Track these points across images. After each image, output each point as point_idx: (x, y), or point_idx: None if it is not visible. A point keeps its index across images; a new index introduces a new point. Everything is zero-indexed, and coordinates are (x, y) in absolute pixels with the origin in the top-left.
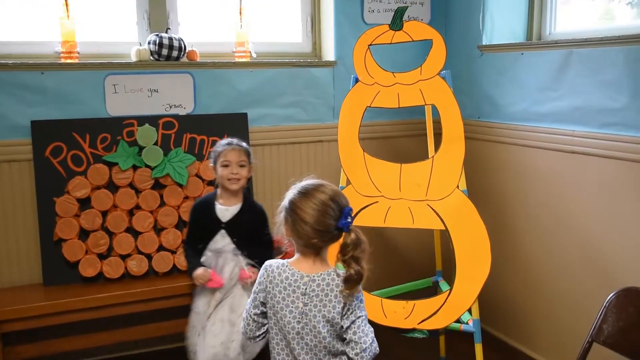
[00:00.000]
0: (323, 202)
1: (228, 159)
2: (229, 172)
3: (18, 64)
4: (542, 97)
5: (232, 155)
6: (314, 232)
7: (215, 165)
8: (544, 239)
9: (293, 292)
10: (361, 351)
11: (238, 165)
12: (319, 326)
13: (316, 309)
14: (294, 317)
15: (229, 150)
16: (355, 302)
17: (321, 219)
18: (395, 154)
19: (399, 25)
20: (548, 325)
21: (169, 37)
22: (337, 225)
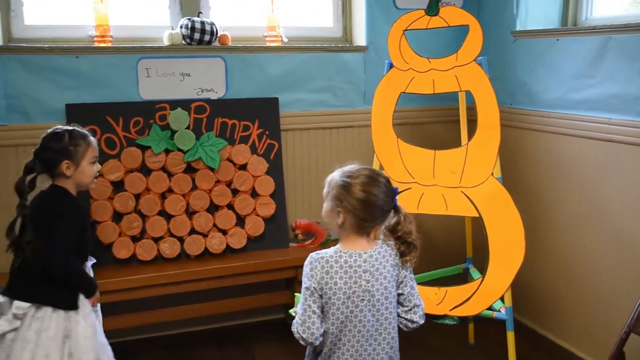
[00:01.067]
0: (377, 181)
1: (96, 155)
2: (96, 171)
3: (53, 48)
4: (578, 84)
5: (96, 149)
6: (370, 211)
7: (78, 161)
8: (578, 228)
9: (355, 272)
10: (422, 312)
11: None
12: (382, 298)
13: (378, 283)
14: (357, 296)
15: (95, 143)
16: (410, 269)
17: (377, 197)
18: (426, 140)
19: (435, 10)
20: (580, 315)
21: (201, 21)
22: (393, 204)
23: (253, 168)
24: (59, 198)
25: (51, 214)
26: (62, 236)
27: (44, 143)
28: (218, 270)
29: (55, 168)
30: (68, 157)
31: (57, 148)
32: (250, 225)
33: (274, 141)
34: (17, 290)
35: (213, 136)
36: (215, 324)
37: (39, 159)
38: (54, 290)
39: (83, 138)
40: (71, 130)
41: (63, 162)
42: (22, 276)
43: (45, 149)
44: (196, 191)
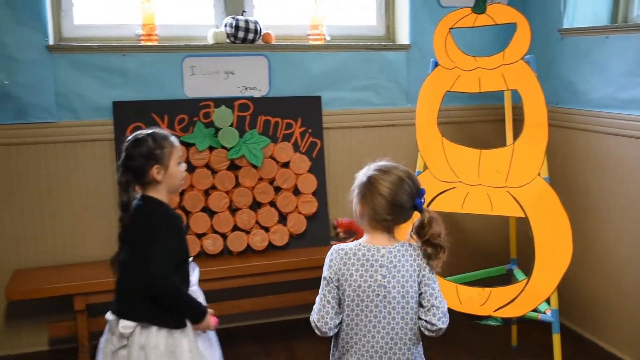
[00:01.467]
0: (400, 178)
1: (181, 154)
2: (183, 171)
3: (101, 47)
4: (628, 82)
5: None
6: (389, 207)
7: (166, 164)
8: (626, 231)
9: (371, 266)
10: (443, 315)
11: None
12: (399, 296)
13: (395, 280)
14: (372, 290)
15: (177, 143)
16: (427, 267)
17: (397, 193)
18: (470, 139)
19: (482, 8)
20: (627, 319)
21: (245, 19)
22: (414, 203)
23: (295, 166)
24: (153, 210)
25: (149, 228)
26: (164, 250)
27: (129, 152)
28: (260, 267)
29: (145, 175)
30: (156, 161)
31: (143, 154)
32: (292, 223)
33: (316, 139)
34: (123, 309)
35: (256, 134)
36: (256, 320)
37: (128, 169)
38: (160, 310)
39: (166, 139)
40: (152, 133)
41: (153, 167)
42: (127, 294)
43: (131, 157)
44: (239, 188)
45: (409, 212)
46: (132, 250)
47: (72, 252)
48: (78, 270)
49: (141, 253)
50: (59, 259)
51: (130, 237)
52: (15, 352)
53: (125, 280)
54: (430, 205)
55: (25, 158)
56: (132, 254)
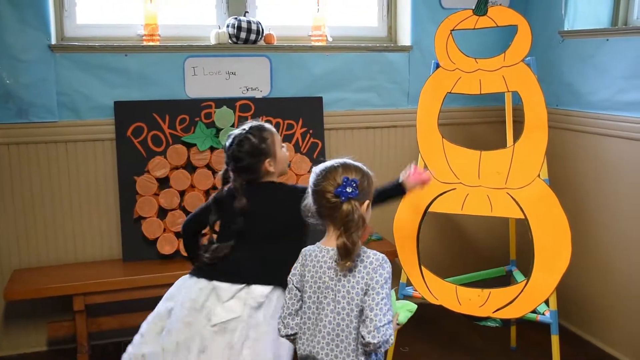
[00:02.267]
0: (327, 168)
1: (280, 137)
2: (287, 153)
3: (103, 47)
4: (628, 85)
5: (277, 133)
6: (314, 198)
7: (274, 153)
8: (626, 233)
9: (320, 267)
10: (374, 329)
11: None
12: (344, 302)
13: (340, 284)
14: (321, 292)
15: (273, 128)
16: (377, 279)
17: (319, 183)
18: (470, 140)
19: (483, 10)
20: (626, 321)
21: (247, 20)
22: (334, 192)
23: (296, 167)
24: (288, 186)
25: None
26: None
27: (236, 155)
28: None
29: (259, 171)
30: (266, 155)
31: (250, 152)
32: None
33: (317, 140)
34: (255, 275)
35: None
36: None
37: (241, 171)
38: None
39: (264, 130)
40: (250, 130)
41: (265, 161)
42: (265, 262)
43: (240, 159)
44: None
45: (333, 202)
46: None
47: (71, 252)
48: (77, 270)
49: (288, 227)
50: (58, 259)
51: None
52: (14, 352)
53: (264, 249)
54: (430, 207)
55: (26, 157)
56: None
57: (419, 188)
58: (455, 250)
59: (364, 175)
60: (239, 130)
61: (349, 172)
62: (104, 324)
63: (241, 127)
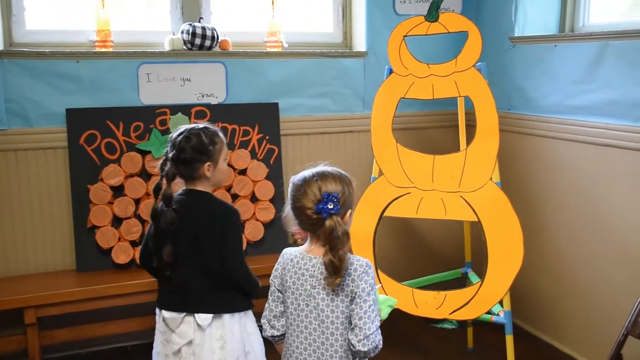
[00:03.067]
0: (304, 182)
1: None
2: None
3: (54, 53)
4: (576, 89)
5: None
6: (295, 213)
7: (216, 160)
8: (576, 233)
9: (302, 275)
10: (364, 337)
11: None
12: (327, 310)
13: (324, 292)
14: (303, 299)
15: (225, 139)
16: (364, 287)
17: (298, 199)
18: (424, 144)
19: (434, 16)
20: (578, 319)
21: (202, 26)
22: (315, 209)
23: (253, 173)
24: (213, 202)
25: (215, 223)
26: (239, 246)
27: (182, 145)
28: None
29: (196, 171)
30: (208, 157)
31: (196, 149)
32: (250, 230)
33: (273, 146)
34: (194, 303)
35: None
36: None
37: (179, 163)
38: (232, 296)
39: (217, 135)
40: (204, 128)
41: (205, 163)
42: (198, 288)
43: (183, 151)
44: None
45: (314, 218)
46: (199, 242)
47: (22, 264)
48: (28, 282)
49: (209, 247)
50: (8, 270)
51: (191, 230)
52: None
53: (192, 274)
54: (386, 211)
55: None
56: (197, 246)
57: None
58: (411, 254)
59: (344, 185)
60: (196, 125)
61: (328, 184)
62: (58, 336)
63: (199, 124)
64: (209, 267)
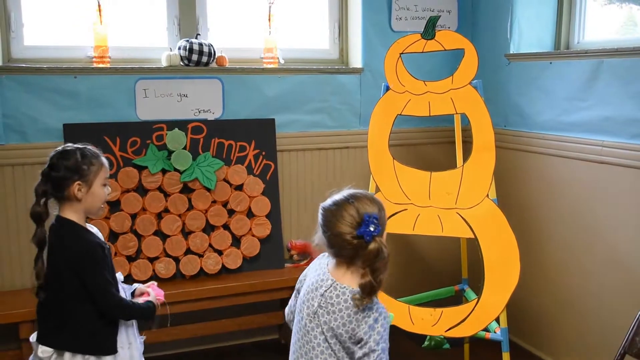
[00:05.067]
0: (339, 206)
1: (108, 176)
2: (107, 194)
3: (52, 68)
4: (571, 106)
5: (108, 170)
6: (331, 241)
7: (90, 181)
8: (572, 250)
9: (315, 289)
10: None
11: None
12: (327, 334)
13: (328, 316)
14: (308, 314)
15: (107, 164)
16: (370, 333)
17: (335, 225)
18: (421, 161)
19: (431, 34)
20: (575, 336)
21: (198, 42)
22: (357, 233)
23: (249, 188)
24: (73, 236)
25: (75, 258)
26: (104, 280)
27: (53, 162)
28: (213, 290)
29: (65, 189)
30: (80, 176)
31: (68, 166)
32: (246, 246)
33: (270, 162)
34: (42, 334)
35: (209, 156)
36: (210, 345)
37: (48, 180)
38: (86, 337)
39: (95, 157)
40: (82, 148)
41: (75, 182)
42: (47, 319)
43: (54, 168)
44: (192, 211)
45: (354, 242)
46: (50, 276)
47: (18, 278)
48: (24, 297)
49: (62, 283)
50: (4, 284)
51: (50, 263)
52: None
53: (44, 305)
54: None
55: None
56: (50, 279)
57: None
58: (407, 270)
59: (379, 205)
60: (76, 144)
61: (365, 206)
62: None
63: (80, 143)
64: (58, 300)
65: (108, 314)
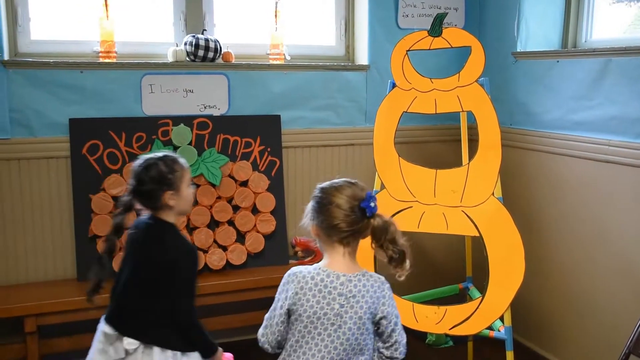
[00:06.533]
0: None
1: (191, 177)
2: (193, 194)
3: (58, 63)
4: (577, 105)
5: (190, 171)
6: (345, 219)
7: (178, 187)
8: (577, 249)
9: (329, 293)
10: (404, 348)
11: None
12: (354, 327)
13: (352, 310)
14: (328, 319)
15: (187, 165)
16: (390, 302)
17: (334, 200)
18: (427, 159)
19: (438, 31)
20: (580, 336)
21: (205, 38)
22: (361, 205)
23: (254, 185)
24: (176, 237)
25: (167, 257)
26: (190, 292)
27: (141, 177)
28: (217, 286)
29: (157, 200)
30: (169, 186)
31: (155, 179)
32: (251, 242)
33: (275, 158)
34: (128, 328)
35: (215, 152)
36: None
37: (138, 194)
38: (171, 334)
39: (176, 162)
40: (163, 157)
41: (165, 192)
42: (135, 314)
43: (142, 183)
44: (197, 207)
45: (362, 221)
46: (144, 272)
47: (23, 272)
48: (29, 291)
49: (157, 279)
50: (9, 279)
51: (141, 257)
52: None
53: (132, 299)
54: None
55: None
56: (143, 275)
57: None
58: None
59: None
60: (152, 154)
61: (363, 188)
62: (57, 345)
63: (155, 153)
64: (150, 296)
65: (179, 315)
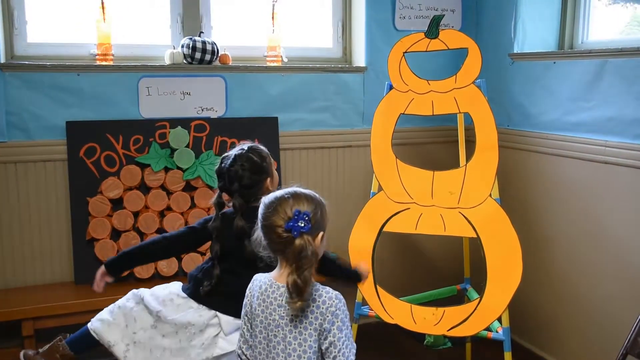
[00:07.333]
0: (276, 200)
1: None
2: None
3: (55, 66)
4: (574, 106)
5: None
6: (264, 232)
7: (272, 172)
8: (575, 250)
9: (270, 304)
10: None
11: None
12: (295, 343)
13: (292, 324)
14: (271, 330)
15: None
16: (333, 320)
17: (268, 217)
18: (424, 160)
19: (435, 33)
20: (578, 336)
21: (202, 40)
22: (285, 226)
23: None
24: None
25: None
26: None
27: (241, 174)
28: None
29: (259, 191)
30: (267, 174)
31: (255, 170)
32: None
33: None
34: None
35: (212, 155)
36: None
37: (244, 189)
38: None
39: (262, 150)
40: (250, 149)
41: (266, 180)
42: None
43: (242, 178)
44: (195, 209)
45: (285, 237)
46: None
47: (20, 276)
48: (26, 294)
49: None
50: (6, 282)
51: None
52: None
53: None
54: (385, 226)
55: None
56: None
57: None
58: (410, 269)
59: (317, 205)
60: (235, 150)
61: (300, 204)
62: None
63: (237, 148)
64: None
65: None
